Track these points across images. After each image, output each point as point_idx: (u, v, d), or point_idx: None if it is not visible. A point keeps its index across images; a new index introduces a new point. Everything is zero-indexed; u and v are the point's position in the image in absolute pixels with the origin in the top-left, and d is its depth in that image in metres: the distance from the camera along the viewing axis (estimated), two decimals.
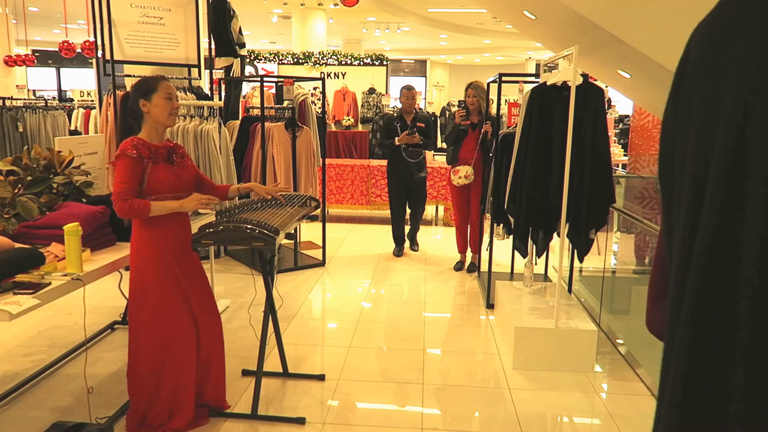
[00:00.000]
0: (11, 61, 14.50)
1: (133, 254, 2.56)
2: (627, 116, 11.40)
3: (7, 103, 6.81)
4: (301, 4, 13.57)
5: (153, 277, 2.55)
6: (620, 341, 3.87)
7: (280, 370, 3.24)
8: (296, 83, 5.75)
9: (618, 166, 6.70)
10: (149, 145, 2.51)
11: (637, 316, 4.20)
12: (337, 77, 11.74)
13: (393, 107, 11.38)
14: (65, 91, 22.35)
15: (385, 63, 11.80)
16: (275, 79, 6.60)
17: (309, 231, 6.68)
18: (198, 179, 2.77)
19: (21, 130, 6.45)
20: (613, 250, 5.12)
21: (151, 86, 2.52)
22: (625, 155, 6.81)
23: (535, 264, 4.19)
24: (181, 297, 2.63)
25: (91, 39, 10.68)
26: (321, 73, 10.40)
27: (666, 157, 0.90)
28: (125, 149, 2.43)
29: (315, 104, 6.76)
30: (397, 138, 5.44)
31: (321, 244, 5.67)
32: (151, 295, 2.55)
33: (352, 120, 11.38)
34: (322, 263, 5.54)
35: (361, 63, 11.77)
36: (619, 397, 3.18)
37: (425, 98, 23.50)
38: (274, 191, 2.94)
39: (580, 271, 5.02)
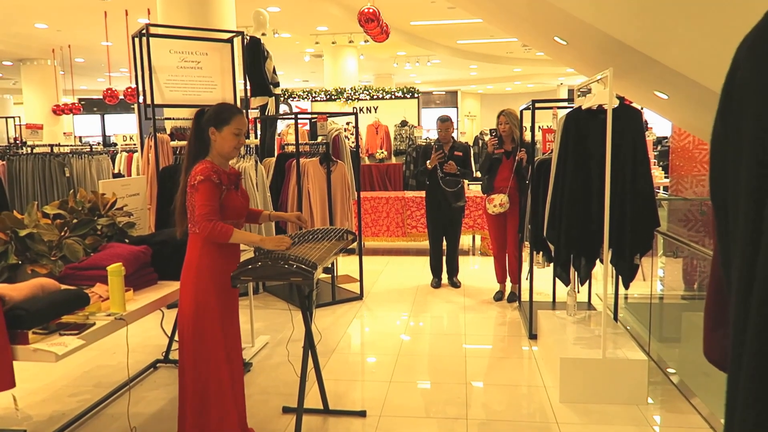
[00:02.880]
0: (59, 110, 15.22)
1: (190, 282, 2.54)
2: (665, 138, 11.17)
3: (55, 150, 7.10)
4: (333, 42, 13.90)
5: (212, 306, 2.56)
6: (672, 371, 3.70)
7: (321, 407, 3.20)
8: (329, 119, 5.84)
9: (659, 189, 6.53)
10: (224, 172, 2.58)
11: (689, 344, 4.02)
12: (370, 111, 11.89)
13: (426, 138, 11.42)
14: (109, 136, 23.27)
15: (416, 95, 11.91)
16: (309, 116, 6.72)
17: (346, 265, 6.68)
18: None
19: (68, 175, 6.70)
20: (659, 276, 4.95)
21: (225, 118, 2.56)
22: (666, 177, 6.65)
23: (578, 292, 4.07)
24: (233, 327, 2.68)
25: (133, 85, 11.14)
26: (353, 108, 10.57)
27: (717, 174, 0.86)
28: (209, 175, 2.47)
29: (348, 138, 6.84)
30: (428, 162, 5.43)
31: (358, 278, 5.65)
32: (207, 323, 2.56)
33: (386, 153, 11.46)
34: (359, 297, 5.51)
35: (393, 96, 11.90)
36: (674, 430, 3.03)
37: (457, 128, 23.60)
38: (295, 219, 2.96)
39: (626, 298, 4.86)
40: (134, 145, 8.97)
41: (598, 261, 3.68)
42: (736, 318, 0.78)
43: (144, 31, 4.93)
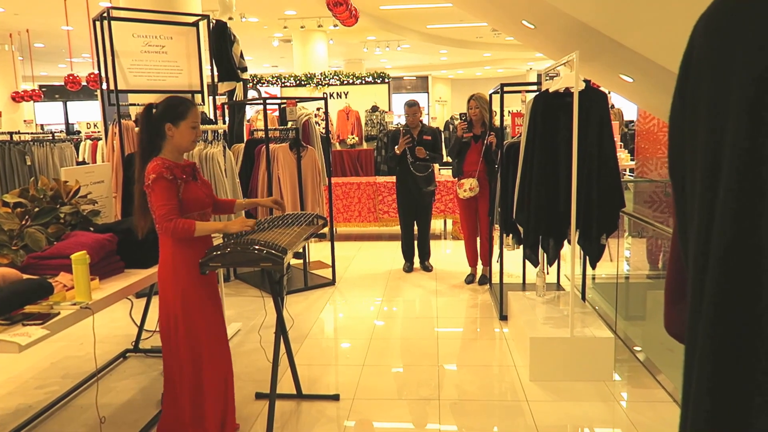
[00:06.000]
0: (18, 97, 14.73)
1: (171, 279, 2.51)
2: (631, 121, 11.36)
3: (15, 137, 6.88)
4: (301, 27, 13.72)
5: (199, 297, 2.55)
6: (638, 348, 3.80)
7: (294, 392, 3.20)
8: (299, 104, 5.78)
9: (625, 171, 6.66)
10: (178, 165, 2.53)
11: (654, 322, 4.14)
12: (340, 97, 11.81)
13: (396, 124, 11.41)
14: (72, 124, 22.64)
15: (386, 81, 11.86)
16: (278, 101, 6.64)
17: (318, 250, 6.67)
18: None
19: (29, 163, 6.51)
20: (626, 256, 5.07)
21: (182, 113, 2.51)
22: (632, 160, 6.77)
23: (547, 273, 4.14)
24: (219, 317, 2.68)
25: (96, 71, 10.83)
26: (323, 93, 10.47)
27: (675, 150, 0.88)
28: (161, 172, 2.42)
29: (319, 124, 6.79)
30: (396, 147, 5.43)
31: (330, 264, 5.65)
32: (198, 316, 2.55)
33: (357, 138, 11.42)
34: (332, 282, 5.51)
35: (363, 82, 11.84)
36: (640, 405, 3.11)
37: (428, 114, 23.60)
38: (272, 204, 2.94)
39: (593, 278, 4.96)
40: (98, 132, 8.76)
41: (566, 242, 3.74)
42: (693, 290, 0.80)
43: (105, 15, 4.79)
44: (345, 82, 11.89)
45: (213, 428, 2.62)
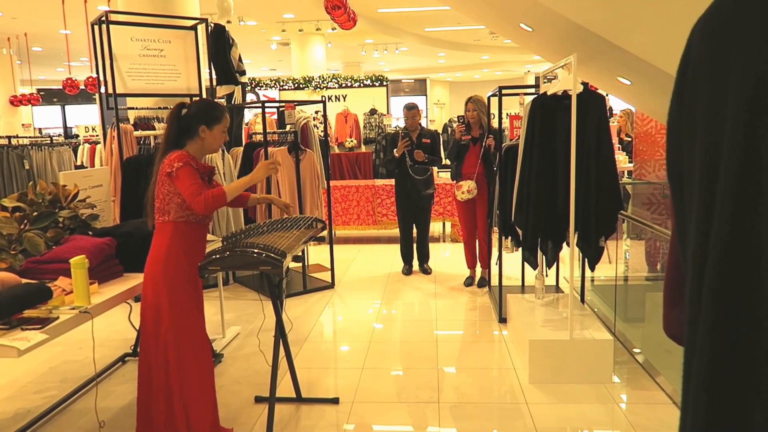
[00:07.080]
0: (16, 101, 14.73)
1: (161, 276, 2.50)
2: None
3: (13, 141, 6.88)
4: (300, 30, 13.74)
5: (188, 297, 2.55)
6: (637, 350, 3.80)
7: (293, 395, 3.20)
8: (297, 107, 5.78)
9: (623, 173, 6.66)
10: (201, 165, 2.59)
11: (653, 324, 4.14)
12: (338, 100, 11.82)
13: (395, 127, 11.42)
14: (71, 127, 22.62)
15: (385, 83, 11.87)
16: (277, 104, 6.64)
17: (317, 253, 6.66)
18: None
19: (27, 167, 6.50)
20: (624, 258, 5.07)
21: (217, 117, 2.60)
22: (630, 162, 6.78)
23: (546, 275, 4.14)
24: (201, 317, 2.69)
25: (94, 75, 10.83)
26: (322, 96, 10.48)
27: (673, 153, 0.88)
28: (188, 161, 2.49)
29: (317, 127, 6.79)
30: (395, 150, 5.43)
31: (329, 267, 5.65)
32: (186, 316, 2.54)
33: (355, 141, 11.42)
34: (331, 285, 5.51)
35: (362, 85, 11.85)
36: (639, 407, 3.11)
37: (426, 116, 23.63)
38: (282, 206, 2.99)
39: (592, 280, 4.96)
40: (97, 136, 8.75)
41: (564, 244, 3.74)
42: (691, 291, 0.80)
43: (104, 19, 4.79)
44: (343, 85, 11.90)
45: None
